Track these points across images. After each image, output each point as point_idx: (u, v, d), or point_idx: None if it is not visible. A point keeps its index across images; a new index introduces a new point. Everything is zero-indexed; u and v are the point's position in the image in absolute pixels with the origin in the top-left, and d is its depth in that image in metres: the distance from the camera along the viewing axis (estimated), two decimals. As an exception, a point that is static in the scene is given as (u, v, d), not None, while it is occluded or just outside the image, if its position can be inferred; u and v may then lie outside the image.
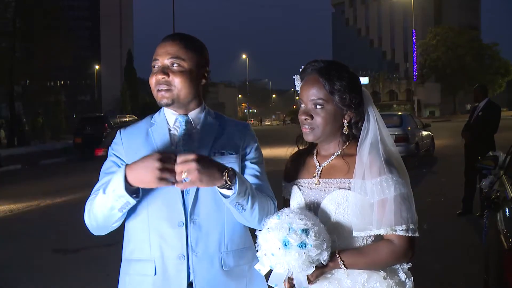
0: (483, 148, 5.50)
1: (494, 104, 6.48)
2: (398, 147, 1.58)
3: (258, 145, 1.62)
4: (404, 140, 10.59)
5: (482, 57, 52.46)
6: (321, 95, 1.45)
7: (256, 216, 1.43)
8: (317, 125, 1.47)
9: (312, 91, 1.46)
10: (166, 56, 1.48)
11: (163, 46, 1.50)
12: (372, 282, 1.41)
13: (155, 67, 1.50)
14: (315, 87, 1.46)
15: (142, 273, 1.47)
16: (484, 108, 6.27)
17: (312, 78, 1.48)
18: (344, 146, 1.52)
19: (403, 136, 10.58)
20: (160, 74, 1.47)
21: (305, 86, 1.49)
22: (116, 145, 1.57)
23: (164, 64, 1.48)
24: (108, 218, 1.41)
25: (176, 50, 1.48)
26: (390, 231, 1.38)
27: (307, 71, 1.52)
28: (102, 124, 18.22)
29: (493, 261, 2.72)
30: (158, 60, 1.49)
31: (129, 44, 75.23)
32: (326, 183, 1.49)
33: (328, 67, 1.48)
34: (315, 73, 1.48)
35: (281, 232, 1.30)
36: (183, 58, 1.48)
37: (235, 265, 1.50)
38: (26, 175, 13.52)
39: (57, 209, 7.91)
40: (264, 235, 1.34)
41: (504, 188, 3.17)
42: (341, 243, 1.43)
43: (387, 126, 1.56)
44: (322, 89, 1.45)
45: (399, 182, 1.40)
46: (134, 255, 1.49)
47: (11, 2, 25.33)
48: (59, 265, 4.79)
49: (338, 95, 1.45)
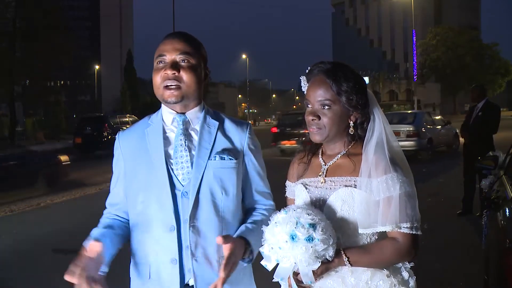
0: (483, 148, 5.50)
1: (493, 104, 6.48)
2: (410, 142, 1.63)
3: (259, 146, 1.61)
4: (416, 135, 12.02)
5: (482, 57, 52.46)
6: (328, 96, 1.47)
7: None
8: (324, 125, 1.49)
9: (319, 92, 1.49)
10: (174, 52, 1.45)
11: (170, 43, 1.47)
12: (376, 280, 1.43)
13: (161, 63, 1.47)
14: (322, 88, 1.48)
15: (140, 277, 1.49)
16: (484, 108, 6.26)
17: (319, 79, 1.50)
18: (349, 146, 1.54)
19: (414, 132, 12.01)
20: (169, 70, 1.44)
21: (312, 87, 1.51)
22: (116, 150, 1.57)
23: (173, 59, 1.45)
24: None
25: (185, 46, 1.46)
26: (395, 228, 1.40)
27: (313, 72, 1.53)
28: (102, 124, 18.22)
29: (493, 261, 2.72)
30: (165, 56, 1.46)
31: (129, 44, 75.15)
32: (331, 181, 1.51)
33: (335, 69, 1.49)
34: (322, 74, 1.50)
35: (288, 226, 1.32)
36: (191, 54, 1.46)
37: None
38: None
39: (57, 209, 7.91)
40: (271, 229, 1.36)
41: (504, 188, 3.17)
42: (345, 241, 1.45)
43: (402, 123, 1.60)
44: (329, 90, 1.47)
45: (404, 181, 1.43)
46: (135, 258, 1.52)
47: (11, 2, 25.32)
48: (59, 265, 4.77)
49: (345, 96, 1.47)
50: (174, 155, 1.47)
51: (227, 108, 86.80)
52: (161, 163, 1.46)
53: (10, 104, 25.49)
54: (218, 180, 1.47)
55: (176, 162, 1.46)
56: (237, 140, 1.55)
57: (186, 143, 1.48)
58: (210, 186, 1.46)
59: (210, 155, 1.48)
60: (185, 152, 1.47)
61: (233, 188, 1.50)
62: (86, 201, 8.29)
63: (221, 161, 1.47)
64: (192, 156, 1.47)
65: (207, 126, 1.53)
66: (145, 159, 1.48)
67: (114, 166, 1.58)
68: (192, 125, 1.52)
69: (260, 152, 1.61)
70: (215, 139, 1.51)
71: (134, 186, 1.49)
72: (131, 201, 1.51)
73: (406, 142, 11.71)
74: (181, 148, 1.48)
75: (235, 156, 1.51)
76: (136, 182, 1.49)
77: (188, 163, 1.46)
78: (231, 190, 1.49)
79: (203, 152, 1.48)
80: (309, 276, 1.34)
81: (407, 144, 11.60)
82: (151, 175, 1.46)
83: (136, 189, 1.49)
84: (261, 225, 1.46)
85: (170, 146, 1.49)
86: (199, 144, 1.49)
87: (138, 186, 1.48)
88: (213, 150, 1.49)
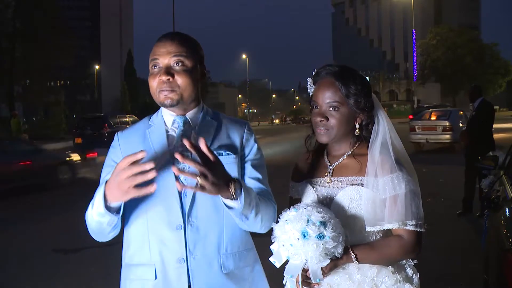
0: (483, 148, 5.52)
1: (487, 102, 6.46)
2: (445, 135, 1.72)
3: (258, 145, 1.60)
4: (450, 129, 14.27)
5: (482, 57, 52.37)
6: (337, 98, 1.51)
7: (258, 223, 1.42)
8: (332, 126, 1.53)
9: (328, 93, 1.52)
10: (167, 55, 1.43)
11: (162, 45, 1.45)
12: (381, 277, 1.47)
13: (156, 68, 1.45)
14: (331, 90, 1.52)
15: (143, 278, 1.45)
16: (478, 108, 6.28)
17: (327, 81, 1.54)
18: (354, 146, 1.58)
19: (449, 126, 14.31)
20: (164, 75, 1.42)
21: (320, 88, 1.55)
22: (113, 148, 1.54)
23: (166, 64, 1.43)
24: (100, 230, 1.43)
25: (178, 49, 1.44)
26: (402, 226, 1.45)
27: (321, 74, 1.57)
28: (102, 124, 18.19)
29: (493, 261, 2.72)
30: (158, 59, 1.44)
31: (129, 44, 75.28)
32: (338, 181, 1.55)
33: (343, 71, 1.54)
34: (331, 76, 1.54)
35: (300, 223, 1.35)
36: (185, 56, 1.44)
37: (235, 267, 1.47)
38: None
39: (57, 209, 7.91)
40: (282, 227, 1.38)
41: (504, 188, 3.17)
42: (352, 238, 1.47)
43: (439, 119, 1.63)
44: (338, 92, 1.51)
45: (409, 180, 1.48)
46: (134, 260, 1.47)
47: (11, 2, 25.33)
48: (59, 265, 4.78)
49: (354, 98, 1.51)
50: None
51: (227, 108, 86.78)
52: (166, 163, 1.44)
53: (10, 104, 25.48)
54: None
55: (178, 163, 1.46)
56: (236, 136, 1.54)
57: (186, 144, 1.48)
58: None
59: None
60: (186, 153, 1.47)
61: None
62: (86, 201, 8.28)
63: (219, 157, 1.47)
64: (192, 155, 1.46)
65: (206, 125, 1.53)
66: (150, 159, 1.46)
67: (108, 165, 1.52)
68: (192, 126, 1.52)
69: (259, 148, 1.59)
70: (213, 137, 1.51)
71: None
72: (132, 202, 1.47)
73: (442, 135, 14.34)
74: (181, 148, 1.47)
75: (234, 151, 1.50)
76: None
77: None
78: None
79: None
80: (318, 273, 1.38)
81: (443, 137, 14.35)
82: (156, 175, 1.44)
83: None
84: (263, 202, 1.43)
85: (172, 147, 1.48)
86: (197, 142, 1.48)
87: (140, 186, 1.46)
88: (211, 147, 1.47)
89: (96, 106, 65.10)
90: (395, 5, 69.99)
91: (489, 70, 51.95)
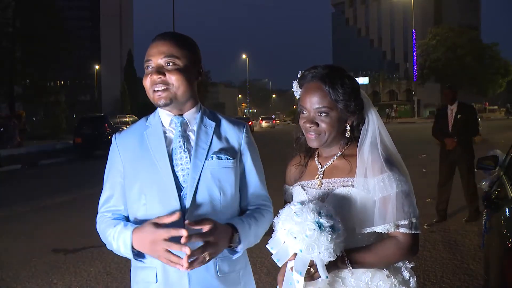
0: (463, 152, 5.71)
1: (468, 105, 6.29)
2: None
3: (256, 148, 1.60)
4: None
5: (482, 57, 52.36)
6: (325, 103, 1.46)
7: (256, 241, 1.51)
8: (323, 131, 1.48)
9: (315, 99, 1.46)
10: (159, 55, 1.44)
11: (155, 46, 1.46)
12: (376, 281, 1.43)
13: (149, 68, 1.46)
14: (319, 95, 1.46)
15: (146, 281, 1.46)
16: (460, 110, 5.92)
17: (314, 86, 1.47)
18: (345, 147, 1.54)
19: None
20: (155, 74, 1.43)
21: (307, 93, 1.48)
22: (112, 152, 1.55)
23: (158, 64, 1.44)
24: (117, 252, 1.48)
25: (169, 49, 1.44)
26: (393, 226, 1.40)
27: (307, 78, 1.50)
28: (102, 124, 18.20)
29: (493, 261, 2.72)
30: (151, 60, 1.46)
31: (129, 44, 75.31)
32: (329, 183, 1.51)
33: (330, 74, 1.47)
34: (317, 80, 1.47)
35: (313, 214, 1.30)
36: (177, 56, 1.44)
37: (229, 271, 1.48)
38: (26, 175, 13.52)
39: (57, 209, 7.91)
40: (291, 219, 1.31)
41: (504, 188, 3.17)
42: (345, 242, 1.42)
43: None
44: (326, 97, 1.45)
45: (400, 180, 1.42)
46: (139, 262, 1.47)
47: (11, 2, 25.33)
48: (59, 265, 4.78)
49: (343, 103, 1.45)
50: (174, 157, 1.46)
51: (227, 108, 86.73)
52: (165, 165, 1.44)
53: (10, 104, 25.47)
54: (216, 180, 1.46)
55: (176, 164, 1.45)
56: (234, 139, 1.54)
57: (185, 144, 1.47)
58: (207, 186, 1.44)
59: (207, 155, 1.47)
60: (185, 153, 1.46)
61: (231, 188, 1.48)
62: (86, 201, 8.28)
63: (218, 161, 1.46)
64: (191, 157, 1.46)
65: (204, 126, 1.52)
66: (148, 161, 1.46)
67: (110, 169, 1.54)
68: (190, 126, 1.51)
69: (257, 152, 1.60)
70: (211, 139, 1.50)
71: (135, 189, 1.47)
72: (132, 204, 1.48)
73: None
74: (180, 150, 1.47)
75: (232, 156, 1.50)
76: (137, 184, 1.46)
77: (188, 165, 1.45)
78: (228, 190, 1.48)
79: (200, 152, 1.46)
80: (324, 270, 1.32)
81: None
82: (154, 177, 1.44)
83: (137, 191, 1.46)
84: (255, 220, 1.46)
85: (170, 148, 1.48)
86: (196, 144, 1.48)
87: (139, 188, 1.46)
88: (210, 150, 1.48)
89: (96, 106, 65.05)
90: (395, 5, 70.01)
91: (489, 70, 51.94)
